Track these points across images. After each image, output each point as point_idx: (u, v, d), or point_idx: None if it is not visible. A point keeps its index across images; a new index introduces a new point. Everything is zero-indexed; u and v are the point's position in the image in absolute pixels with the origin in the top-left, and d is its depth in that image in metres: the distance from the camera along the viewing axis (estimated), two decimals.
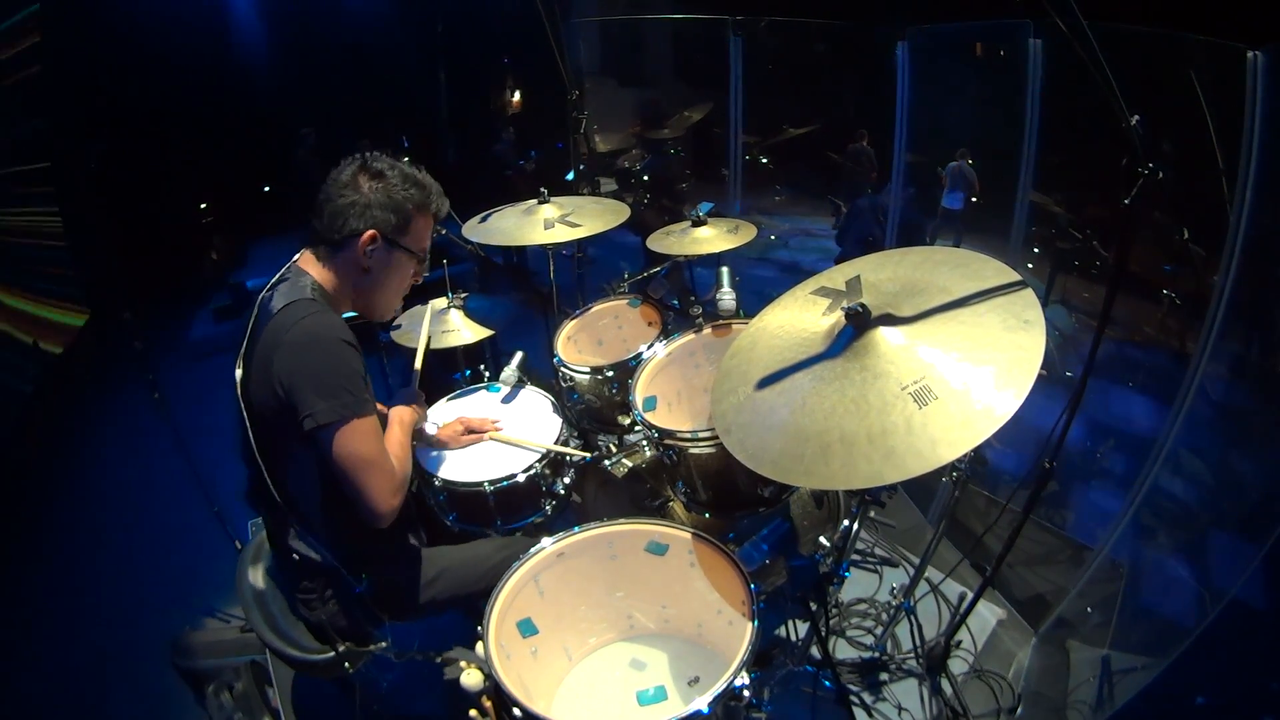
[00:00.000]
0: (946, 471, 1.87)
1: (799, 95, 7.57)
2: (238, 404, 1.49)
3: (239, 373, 1.49)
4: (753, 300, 2.30)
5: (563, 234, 2.36)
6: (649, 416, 1.99)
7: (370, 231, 1.54)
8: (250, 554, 1.86)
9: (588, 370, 2.25)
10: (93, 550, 3.36)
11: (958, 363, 1.31)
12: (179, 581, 2.92)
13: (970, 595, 2.22)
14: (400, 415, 1.74)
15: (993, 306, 1.38)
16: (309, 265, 1.59)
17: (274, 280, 1.58)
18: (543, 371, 2.78)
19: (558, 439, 2.05)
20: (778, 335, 1.63)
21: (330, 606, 1.65)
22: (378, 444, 1.49)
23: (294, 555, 1.60)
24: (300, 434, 1.42)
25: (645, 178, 5.78)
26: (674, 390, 2.25)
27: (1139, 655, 2.24)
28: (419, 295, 2.70)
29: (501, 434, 2.08)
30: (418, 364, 2.03)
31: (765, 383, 1.53)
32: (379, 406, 1.70)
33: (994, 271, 1.47)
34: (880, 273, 1.60)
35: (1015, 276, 1.43)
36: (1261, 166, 2.06)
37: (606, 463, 2.25)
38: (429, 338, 2.13)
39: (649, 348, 2.24)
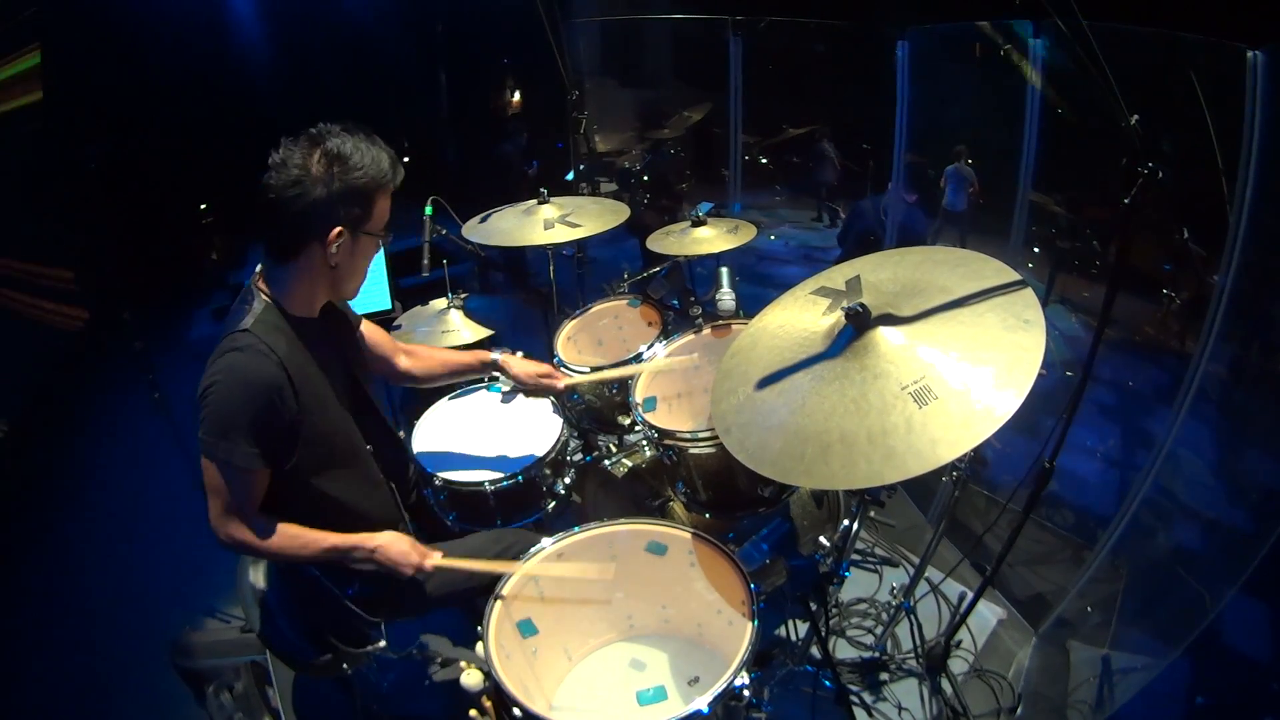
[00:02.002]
0: (946, 471, 1.87)
1: (799, 95, 7.56)
2: None
3: None
4: (752, 299, 2.30)
5: (563, 234, 2.36)
6: (649, 417, 1.99)
7: (335, 230, 1.40)
8: None
9: (588, 370, 2.25)
10: (93, 550, 3.35)
11: (958, 362, 1.31)
12: (179, 581, 2.92)
13: (970, 595, 2.22)
14: (370, 540, 1.59)
15: (993, 306, 1.38)
16: (265, 284, 1.49)
17: (239, 299, 1.51)
18: None
19: (557, 440, 2.05)
20: (778, 335, 1.63)
21: (328, 610, 1.65)
22: (214, 483, 1.45)
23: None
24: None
25: (645, 178, 5.78)
26: (674, 390, 2.25)
27: (1139, 655, 2.24)
28: (419, 295, 2.71)
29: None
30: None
31: (765, 383, 1.53)
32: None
33: (994, 271, 1.47)
34: (880, 273, 1.60)
35: (1015, 276, 1.43)
36: (1261, 166, 2.06)
37: (606, 463, 2.25)
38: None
39: (649, 348, 2.24)
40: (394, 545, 1.61)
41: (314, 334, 1.54)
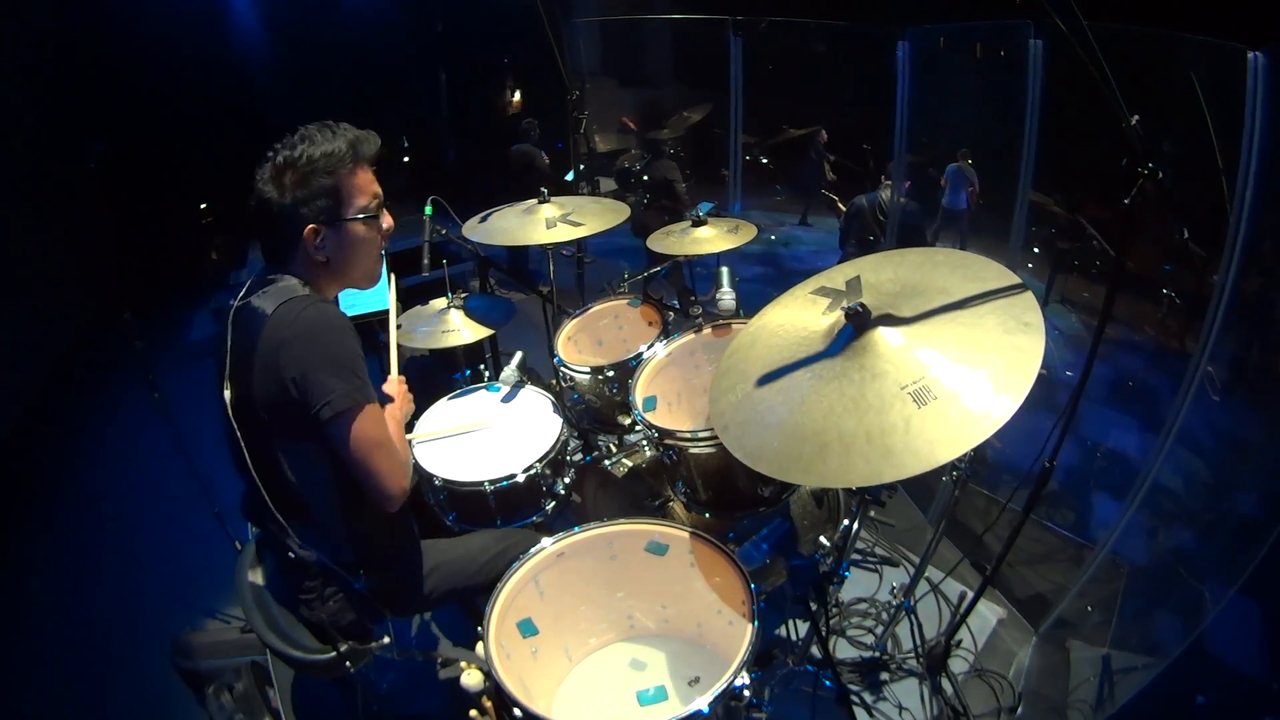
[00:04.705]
0: (946, 471, 1.87)
1: (799, 95, 7.58)
2: (228, 422, 1.44)
3: (227, 393, 1.43)
4: (752, 299, 2.30)
5: (564, 233, 2.36)
6: (649, 416, 1.99)
7: (309, 228, 1.47)
8: (250, 554, 1.85)
9: (588, 370, 2.25)
10: (93, 550, 3.35)
11: (957, 364, 1.31)
12: (179, 581, 2.92)
13: (970, 595, 2.22)
14: (391, 410, 1.73)
15: (992, 309, 1.38)
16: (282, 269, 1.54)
17: (245, 291, 1.51)
18: (543, 371, 2.78)
19: (557, 440, 2.05)
20: (777, 334, 1.63)
21: (331, 605, 1.65)
22: (386, 428, 1.49)
23: (290, 554, 1.60)
24: (314, 426, 1.40)
25: (645, 178, 5.78)
26: (674, 390, 2.25)
27: (1139, 655, 2.25)
28: (419, 295, 2.71)
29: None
30: (392, 348, 1.90)
31: (764, 381, 1.52)
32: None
33: (994, 274, 1.47)
34: (880, 273, 1.60)
35: (1015, 279, 1.43)
36: (1261, 166, 2.06)
37: (606, 463, 2.25)
38: (399, 310, 2.01)
39: (649, 348, 2.24)
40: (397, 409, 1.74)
41: None
